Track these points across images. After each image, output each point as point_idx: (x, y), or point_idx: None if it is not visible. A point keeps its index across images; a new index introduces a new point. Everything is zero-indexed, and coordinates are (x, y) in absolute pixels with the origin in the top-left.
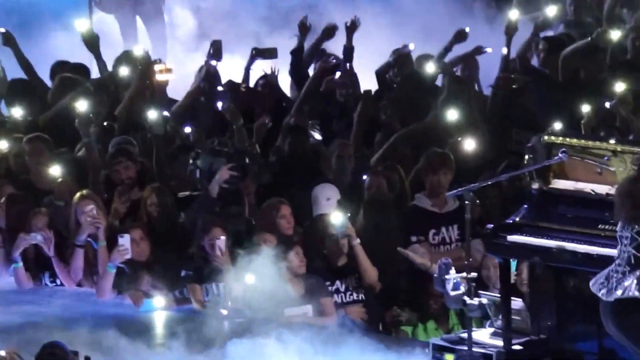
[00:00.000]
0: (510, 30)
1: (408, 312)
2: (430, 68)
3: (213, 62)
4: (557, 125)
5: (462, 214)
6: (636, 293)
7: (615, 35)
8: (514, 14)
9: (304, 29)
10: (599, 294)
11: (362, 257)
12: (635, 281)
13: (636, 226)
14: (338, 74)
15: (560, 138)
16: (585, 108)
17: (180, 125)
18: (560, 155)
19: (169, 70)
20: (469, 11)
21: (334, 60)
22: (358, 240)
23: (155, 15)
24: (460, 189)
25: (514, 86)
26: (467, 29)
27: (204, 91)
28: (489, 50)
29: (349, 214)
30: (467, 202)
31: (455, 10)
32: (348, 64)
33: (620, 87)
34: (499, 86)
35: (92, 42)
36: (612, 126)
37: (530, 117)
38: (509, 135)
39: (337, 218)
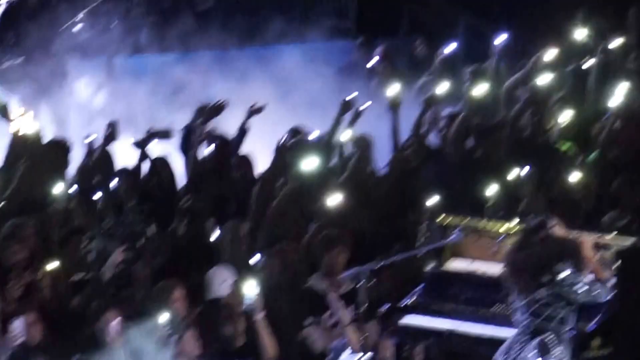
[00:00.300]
0: (394, 106)
1: None
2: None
3: (109, 143)
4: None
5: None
6: None
7: None
8: (393, 89)
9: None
10: None
11: (264, 332)
12: (534, 351)
13: (528, 294)
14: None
15: (456, 218)
16: (490, 191)
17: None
18: (455, 234)
19: (25, 114)
20: (354, 83)
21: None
22: (262, 314)
23: (57, 93)
24: (354, 270)
25: (409, 165)
26: (353, 97)
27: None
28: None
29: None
30: (360, 283)
31: (341, 80)
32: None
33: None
34: (393, 165)
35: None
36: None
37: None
38: (404, 213)
39: (250, 289)
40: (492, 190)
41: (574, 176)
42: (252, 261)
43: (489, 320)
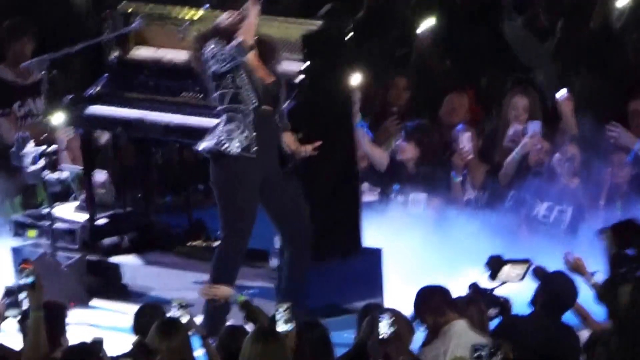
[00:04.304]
0: None
1: None
2: None
3: None
4: None
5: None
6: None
7: None
8: None
9: None
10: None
11: None
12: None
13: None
14: None
15: (139, 5)
16: None
17: None
18: (137, 22)
19: None
20: None
21: None
22: None
23: None
24: (35, 59)
25: None
26: None
27: None
28: None
29: None
30: (44, 72)
31: None
32: None
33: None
34: None
35: None
36: None
37: None
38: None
39: None
40: None
41: None
42: None
43: (178, 109)
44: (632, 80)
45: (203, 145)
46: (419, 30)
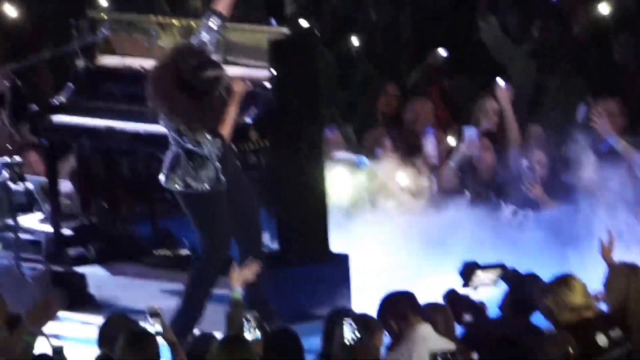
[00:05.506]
0: None
1: None
2: None
3: None
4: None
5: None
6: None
7: None
8: None
9: None
10: None
11: None
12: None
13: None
14: None
15: (103, 13)
16: None
17: None
18: (103, 31)
19: None
20: None
21: None
22: None
23: None
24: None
25: None
26: None
27: None
28: None
29: None
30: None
31: None
32: None
33: None
34: None
35: None
36: None
37: None
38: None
39: None
40: None
41: None
42: None
43: (145, 117)
44: (619, 81)
45: (169, 184)
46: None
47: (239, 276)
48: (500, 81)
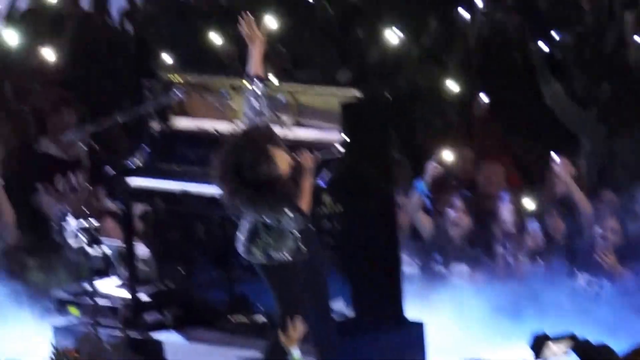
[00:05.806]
0: None
1: None
2: None
3: None
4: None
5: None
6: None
7: None
8: None
9: None
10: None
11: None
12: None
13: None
14: None
15: (177, 75)
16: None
17: None
18: (177, 93)
19: None
20: None
21: None
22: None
23: None
24: (74, 132)
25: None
26: None
27: None
28: None
29: None
30: (82, 145)
31: None
32: None
33: None
34: None
35: None
36: None
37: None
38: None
39: None
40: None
41: None
42: None
43: None
44: None
45: (250, 255)
46: None
47: (288, 338)
48: (554, 156)
